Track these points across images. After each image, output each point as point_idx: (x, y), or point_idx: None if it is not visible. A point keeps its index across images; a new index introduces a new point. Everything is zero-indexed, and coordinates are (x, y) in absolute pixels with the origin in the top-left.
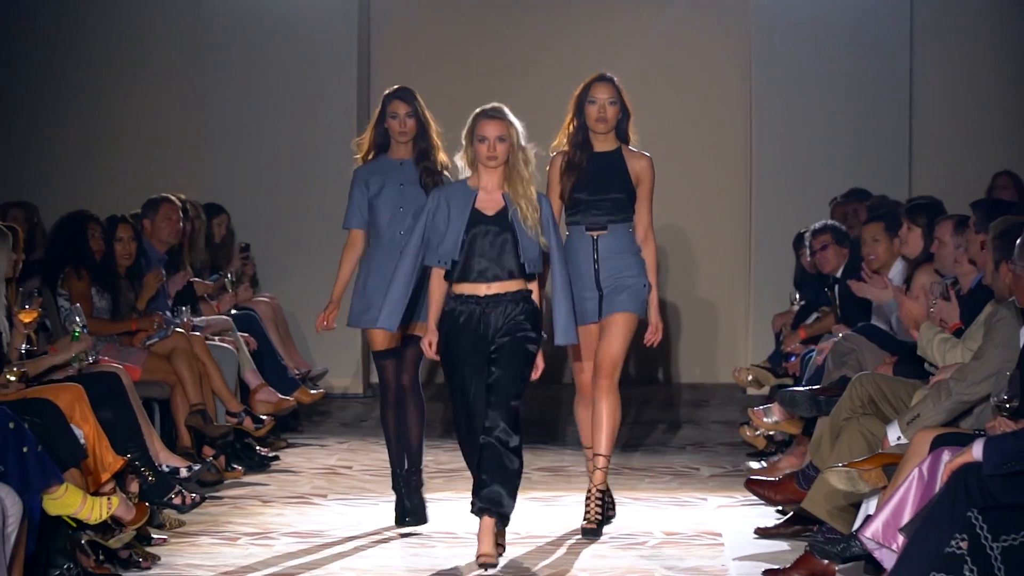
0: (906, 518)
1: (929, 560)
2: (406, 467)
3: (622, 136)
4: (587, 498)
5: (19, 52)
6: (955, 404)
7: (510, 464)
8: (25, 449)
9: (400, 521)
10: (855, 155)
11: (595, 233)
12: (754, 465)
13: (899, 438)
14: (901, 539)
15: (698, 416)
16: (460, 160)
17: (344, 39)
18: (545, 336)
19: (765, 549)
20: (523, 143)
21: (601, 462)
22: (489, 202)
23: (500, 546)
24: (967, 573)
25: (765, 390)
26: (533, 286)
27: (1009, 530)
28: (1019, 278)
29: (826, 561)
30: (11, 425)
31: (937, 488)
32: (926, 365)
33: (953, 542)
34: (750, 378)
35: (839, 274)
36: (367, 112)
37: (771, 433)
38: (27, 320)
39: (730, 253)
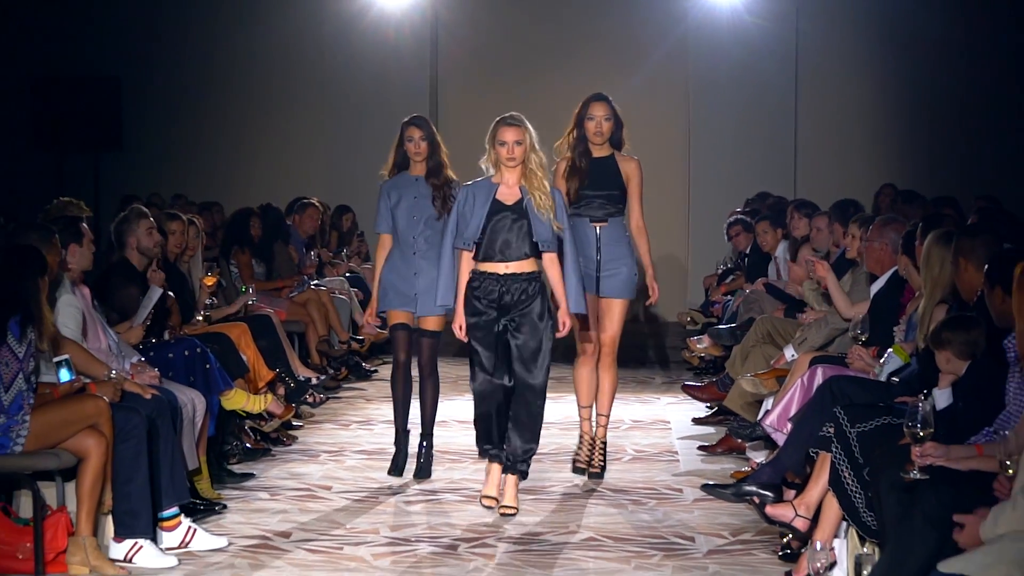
0: (793, 411)
1: (807, 440)
2: (420, 431)
3: (615, 144)
4: (591, 448)
5: (209, 101)
6: (830, 331)
7: (535, 423)
8: (208, 365)
9: (394, 471)
10: (760, 168)
11: (597, 225)
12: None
13: (792, 355)
14: (789, 426)
15: (654, 343)
16: (484, 163)
17: (418, 94)
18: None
19: (699, 432)
20: (537, 146)
21: (604, 420)
22: (508, 194)
23: (513, 508)
24: (833, 449)
25: (699, 327)
26: (548, 261)
27: (861, 420)
28: (872, 251)
29: (739, 440)
30: (198, 350)
31: (813, 392)
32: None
33: (824, 428)
34: (689, 319)
35: (747, 251)
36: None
37: (702, 355)
38: (209, 283)
39: (676, 238)
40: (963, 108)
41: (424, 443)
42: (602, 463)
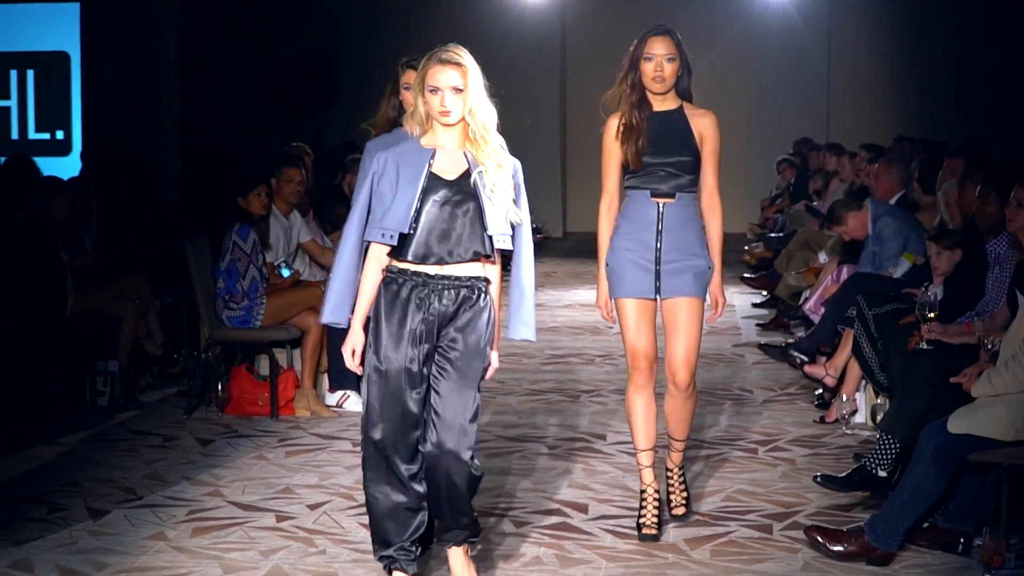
0: (825, 299)
1: (836, 319)
2: None
3: (683, 94)
4: (658, 504)
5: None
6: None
7: (464, 495)
8: None
9: None
10: (801, 118)
11: (661, 200)
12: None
13: (824, 258)
14: (823, 309)
15: (725, 248)
16: (406, 121)
17: (551, 73)
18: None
19: (757, 312)
20: (487, 95)
21: (679, 445)
22: (449, 164)
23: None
24: (855, 326)
25: (757, 236)
26: (492, 268)
27: (876, 305)
28: (882, 182)
29: (786, 319)
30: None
31: (840, 284)
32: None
33: (848, 311)
34: (750, 231)
35: (792, 180)
36: (564, 107)
37: (757, 254)
38: None
39: (740, 172)
40: (959, 70)
41: None
42: (685, 497)
